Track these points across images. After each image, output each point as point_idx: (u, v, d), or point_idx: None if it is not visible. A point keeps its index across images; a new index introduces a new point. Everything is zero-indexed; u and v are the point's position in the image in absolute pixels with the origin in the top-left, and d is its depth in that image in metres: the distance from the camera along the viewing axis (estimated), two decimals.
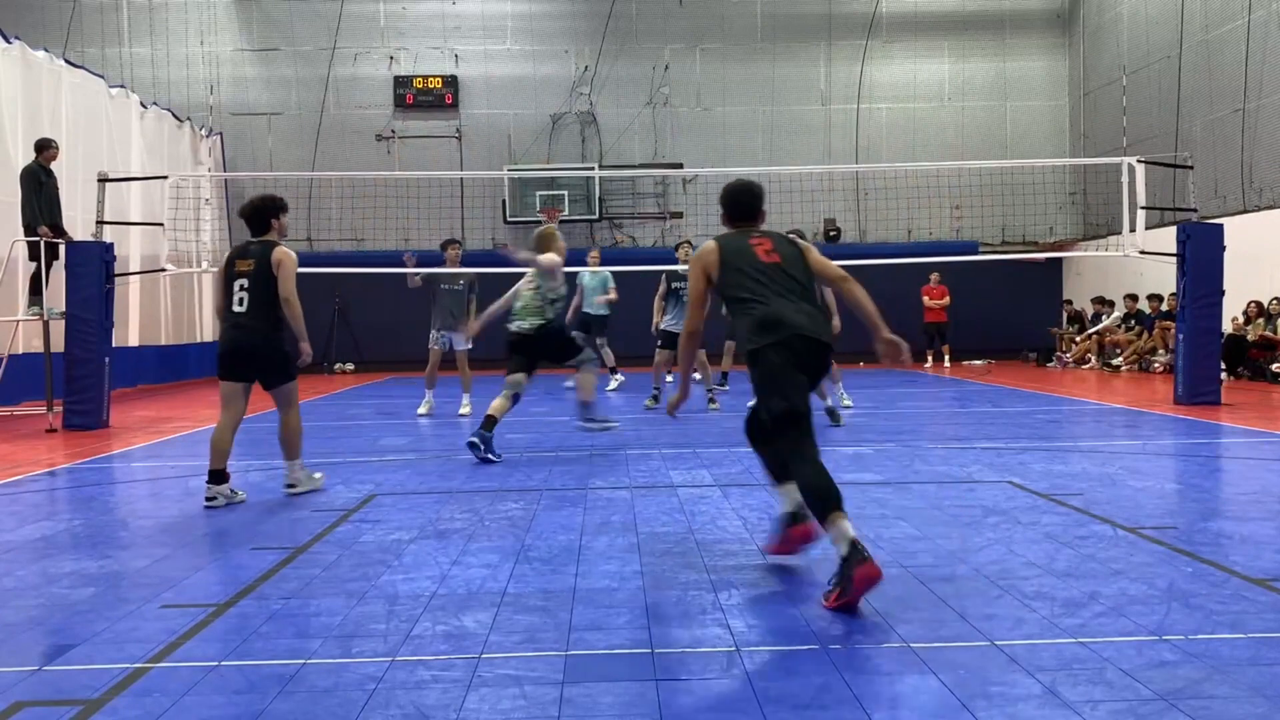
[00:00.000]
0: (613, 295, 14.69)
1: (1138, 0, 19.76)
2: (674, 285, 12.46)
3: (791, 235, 5.13)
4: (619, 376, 15.18)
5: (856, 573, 3.93)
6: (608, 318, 14.81)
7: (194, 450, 9.61)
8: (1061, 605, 3.99)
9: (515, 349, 8.41)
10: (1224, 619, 3.79)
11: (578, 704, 3.07)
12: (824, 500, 4.22)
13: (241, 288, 6.54)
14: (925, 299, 20.25)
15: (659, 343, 12.53)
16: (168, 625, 3.89)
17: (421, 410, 12.03)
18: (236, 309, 6.56)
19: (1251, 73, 16.32)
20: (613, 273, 14.87)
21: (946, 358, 20.32)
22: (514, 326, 8.44)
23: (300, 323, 6.56)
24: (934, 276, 20.21)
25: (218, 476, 6.41)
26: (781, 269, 4.53)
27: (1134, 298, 18.29)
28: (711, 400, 12.01)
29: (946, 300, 20.26)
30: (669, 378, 13.35)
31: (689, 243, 13.59)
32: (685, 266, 12.46)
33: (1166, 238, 13.36)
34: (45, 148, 12.01)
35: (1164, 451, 8.75)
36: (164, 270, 13.87)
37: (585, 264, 14.72)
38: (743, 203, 4.79)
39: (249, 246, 6.65)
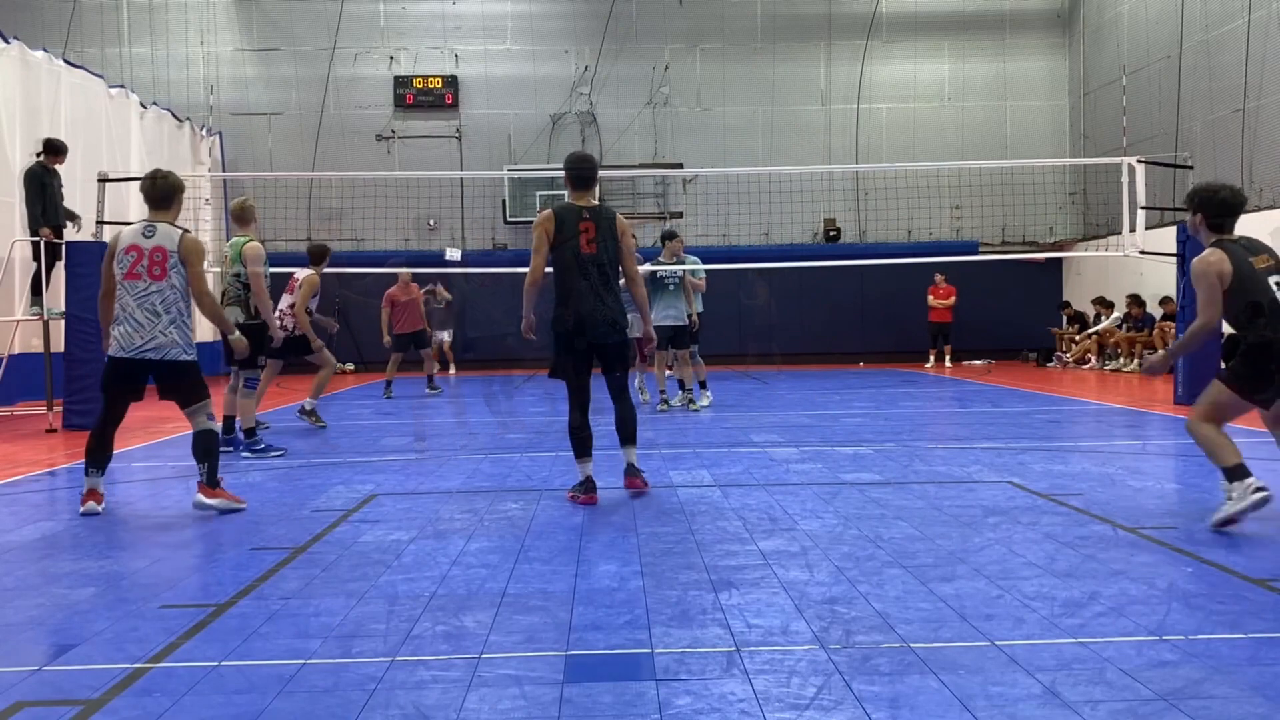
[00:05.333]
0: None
1: (1138, 0, 19.76)
2: (658, 274, 11.87)
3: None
4: None
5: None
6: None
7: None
8: (1061, 605, 3.99)
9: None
10: (1224, 619, 3.78)
11: (578, 704, 3.07)
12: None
13: None
14: (930, 299, 20.24)
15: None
16: (168, 625, 3.89)
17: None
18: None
19: (1251, 73, 16.32)
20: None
21: (948, 358, 20.33)
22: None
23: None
24: (940, 277, 20.22)
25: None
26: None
27: (1141, 302, 18.25)
28: (690, 401, 12.02)
29: (952, 300, 20.26)
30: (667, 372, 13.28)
31: (675, 235, 13.38)
32: (664, 261, 12.33)
33: (1166, 238, 13.37)
34: (56, 151, 11.99)
35: (1164, 451, 8.75)
36: None
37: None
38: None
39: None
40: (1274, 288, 5.37)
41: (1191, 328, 5.60)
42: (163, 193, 6.32)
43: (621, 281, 6.64)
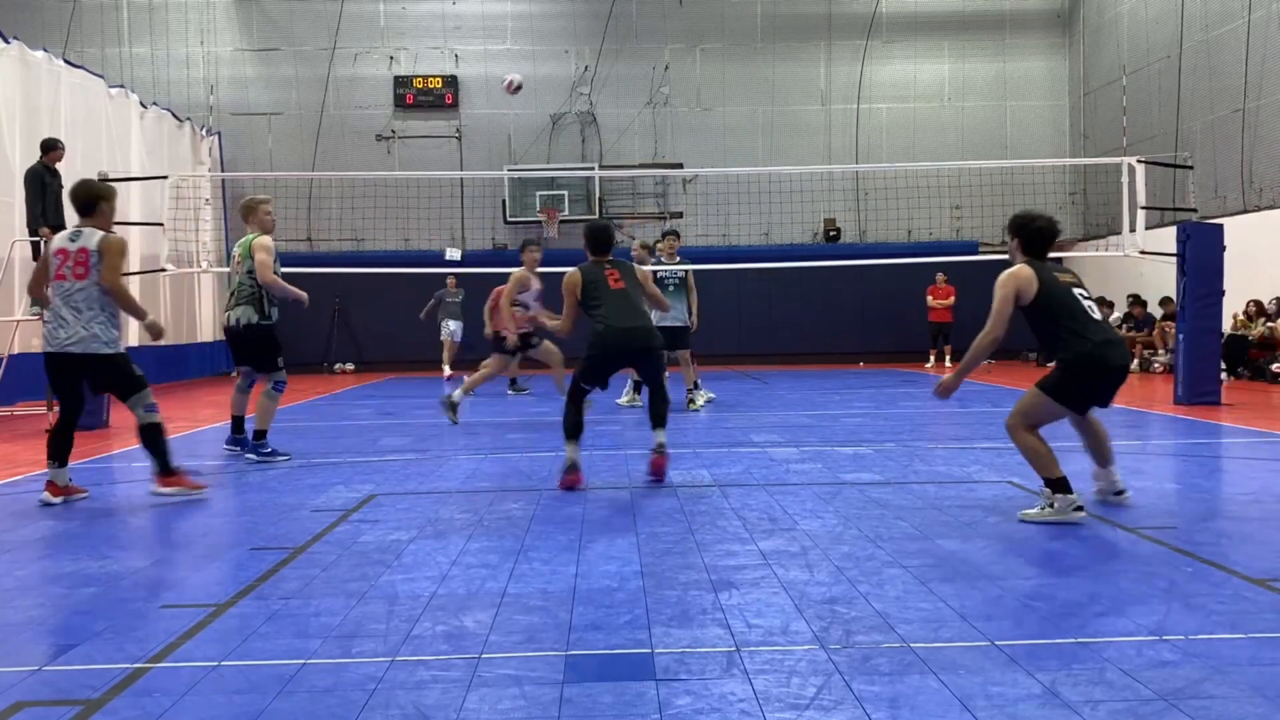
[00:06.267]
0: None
1: (1138, 0, 19.76)
2: (659, 275, 12.01)
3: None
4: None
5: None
6: None
7: (194, 450, 9.61)
8: (1061, 605, 3.99)
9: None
10: (1224, 619, 3.79)
11: (578, 704, 3.07)
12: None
13: None
14: (930, 299, 20.24)
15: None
16: (168, 625, 3.89)
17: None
18: None
19: (1251, 73, 16.33)
20: None
21: (948, 357, 20.32)
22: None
23: None
24: (940, 276, 20.21)
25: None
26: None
27: (1142, 302, 18.25)
28: (691, 401, 12.07)
29: (952, 300, 20.25)
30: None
31: (675, 233, 13.49)
32: (663, 264, 12.41)
33: (1166, 238, 13.37)
34: (51, 148, 12.00)
35: (1164, 451, 8.75)
36: (164, 270, 13.87)
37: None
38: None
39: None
40: (1080, 299, 5.62)
41: (978, 340, 5.78)
42: (84, 200, 6.58)
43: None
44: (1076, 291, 5.65)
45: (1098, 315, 5.64)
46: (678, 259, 12.61)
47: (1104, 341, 5.50)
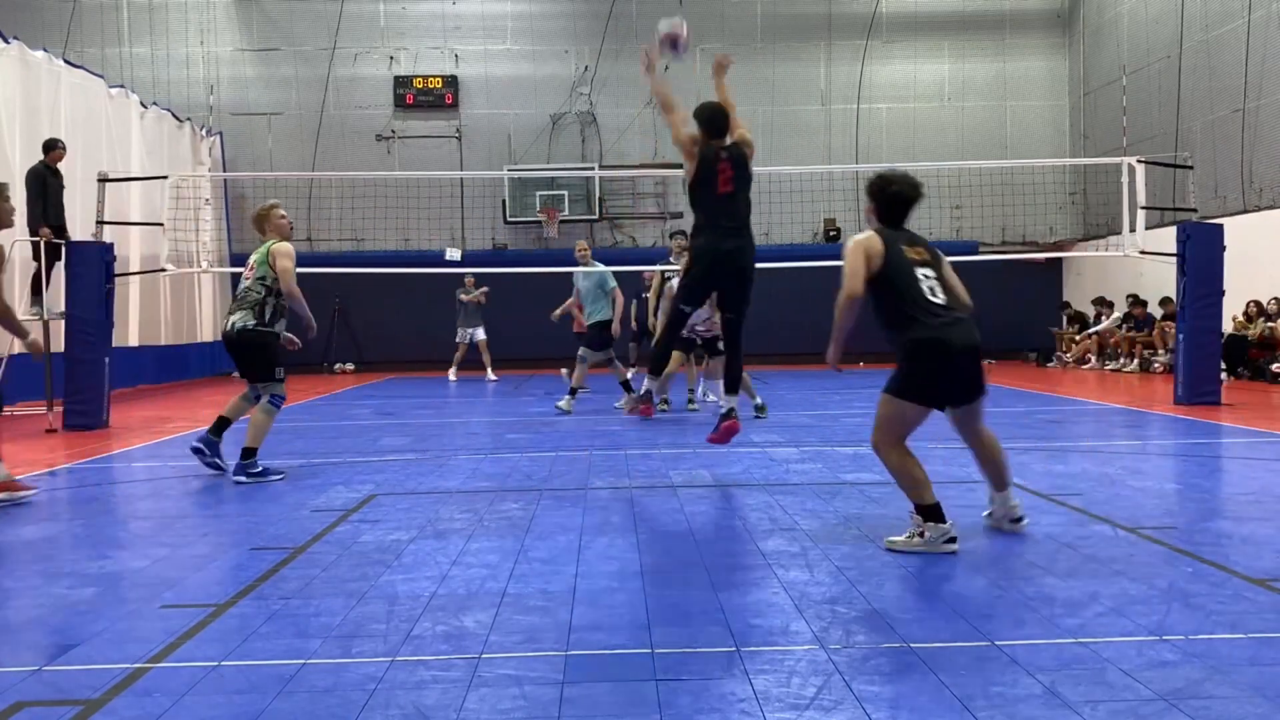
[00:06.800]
0: (617, 305, 12.71)
1: (1138, 0, 19.76)
2: (667, 276, 11.95)
3: None
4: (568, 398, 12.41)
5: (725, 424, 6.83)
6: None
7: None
8: (1061, 605, 3.99)
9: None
10: (1224, 619, 3.79)
11: (578, 704, 3.07)
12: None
13: None
14: None
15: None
16: (168, 625, 3.89)
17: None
18: None
19: (1251, 73, 16.32)
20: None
21: None
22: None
23: None
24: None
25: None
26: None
27: (1142, 302, 18.24)
28: (690, 402, 12.06)
29: None
30: (632, 374, 13.43)
31: (684, 233, 13.43)
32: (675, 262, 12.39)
33: (1166, 238, 13.36)
34: (52, 148, 11.99)
35: (1164, 451, 8.75)
36: (164, 270, 13.86)
37: (574, 260, 13.26)
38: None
39: None
40: (921, 279, 5.01)
41: (837, 301, 5.28)
42: None
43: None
44: (920, 271, 5.02)
45: (940, 298, 4.98)
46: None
47: (942, 324, 4.88)
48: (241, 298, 7.54)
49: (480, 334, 17.84)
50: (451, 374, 17.94)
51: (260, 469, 7.36)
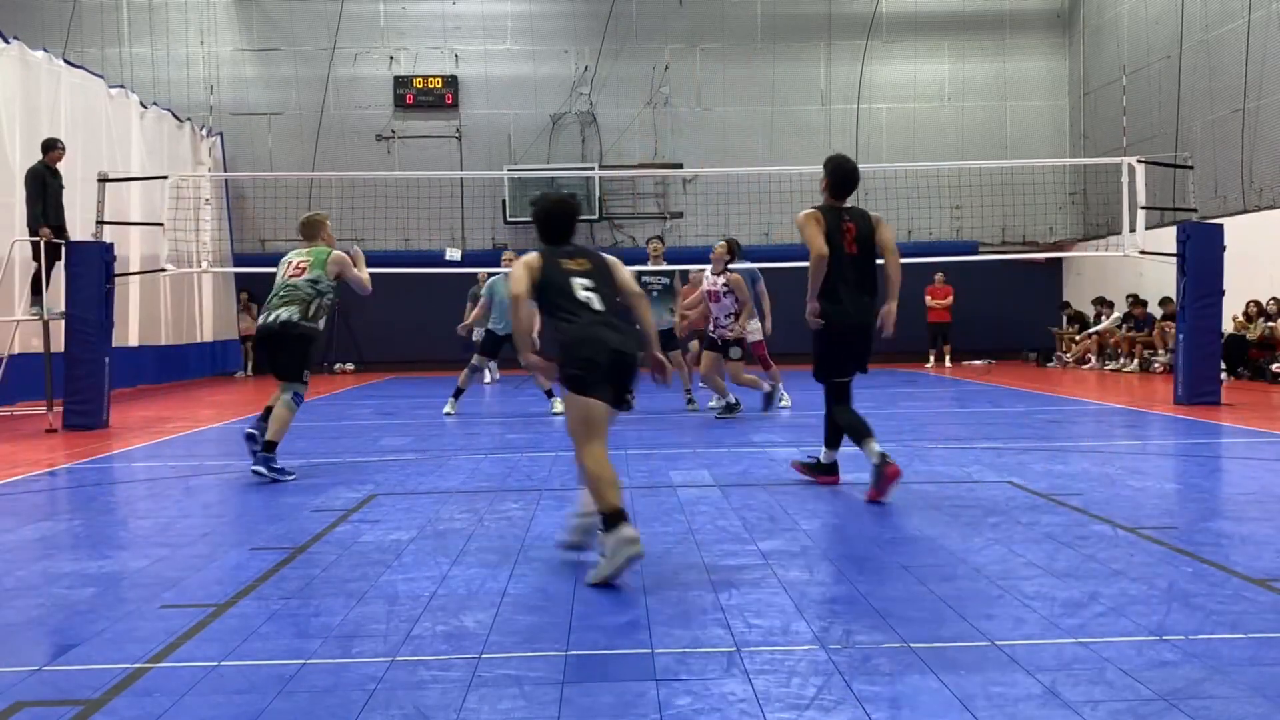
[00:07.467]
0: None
1: (1138, 0, 19.76)
2: (645, 280, 12.04)
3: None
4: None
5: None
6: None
7: (194, 450, 9.62)
8: (1061, 605, 3.99)
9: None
10: (1224, 619, 3.78)
11: (578, 704, 3.07)
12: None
13: None
14: (929, 299, 20.25)
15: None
16: (168, 625, 3.89)
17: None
18: None
19: (1251, 73, 16.32)
20: None
21: (947, 358, 20.33)
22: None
23: None
24: (938, 276, 20.23)
25: None
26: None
27: (1142, 302, 18.24)
28: (690, 402, 12.04)
29: (950, 300, 20.27)
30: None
31: (660, 238, 13.79)
32: (653, 265, 12.42)
33: (1166, 238, 13.36)
34: (51, 148, 11.99)
35: (1164, 451, 8.75)
36: (164, 270, 13.87)
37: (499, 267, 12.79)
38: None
39: None
40: (576, 287, 4.80)
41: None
42: None
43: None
44: (576, 281, 4.80)
45: (596, 305, 4.79)
46: (664, 264, 12.57)
47: (589, 322, 4.73)
48: (288, 295, 7.52)
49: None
50: (487, 376, 17.14)
51: (279, 466, 7.40)
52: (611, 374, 4.69)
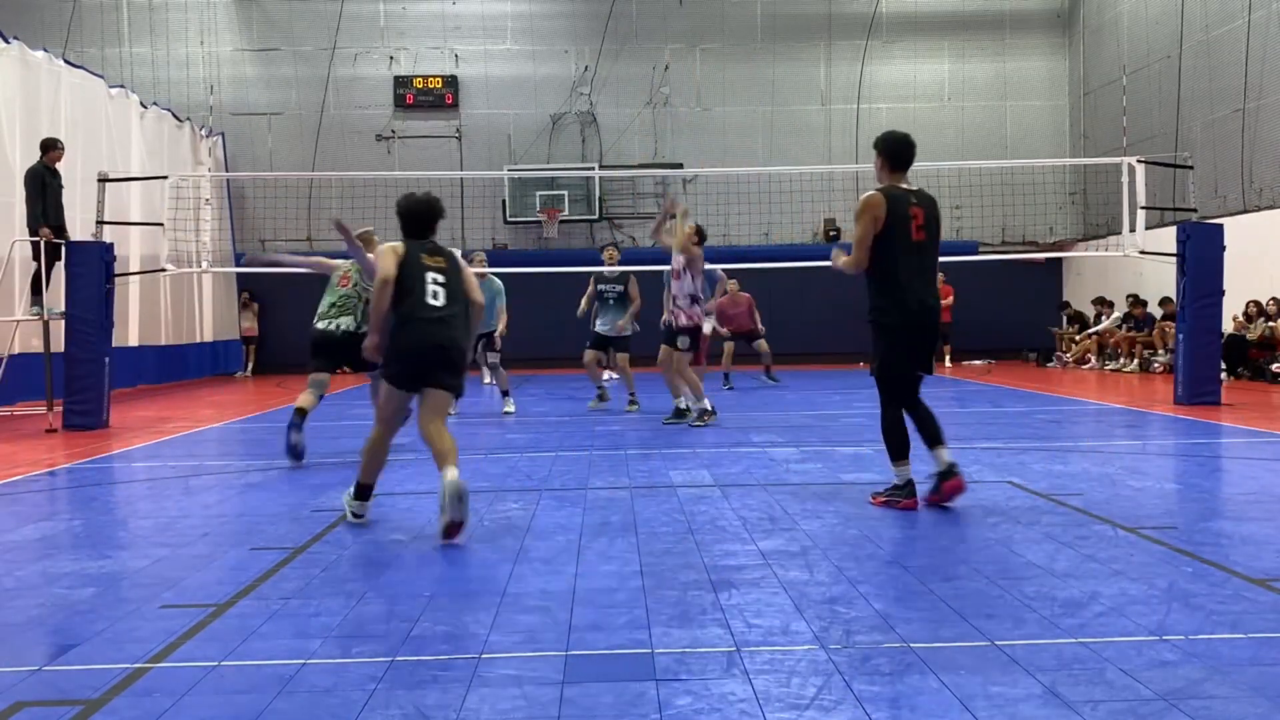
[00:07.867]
0: (501, 324, 12.13)
1: (1138, 0, 19.76)
2: (600, 288, 12.41)
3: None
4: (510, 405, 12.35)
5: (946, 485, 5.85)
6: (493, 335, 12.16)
7: (194, 450, 9.62)
8: (1061, 605, 3.99)
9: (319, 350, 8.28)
10: (1224, 619, 3.79)
11: (578, 704, 3.07)
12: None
13: None
14: None
15: (588, 343, 12.42)
16: (168, 625, 3.89)
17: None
18: None
19: (1251, 73, 16.32)
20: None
21: (947, 358, 20.33)
22: (322, 326, 8.28)
23: None
24: (938, 276, 20.21)
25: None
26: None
27: (1142, 302, 18.24)
28: (632, 403, 12.06)
29: (950, 300, 20.27)
30: (607, 376, 13.69)
31: (615, 245, 14.56)
32: (611, 269, 12.49)
33: (1166, 238, 13.36)
34: (50, 148, 11.99)
35: (1164, 451, 8.75)
36: (164, 270, 13.87)
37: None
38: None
39: None
40: (430, 282, 5.58)
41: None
42: None
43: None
44: (430, 275, 5.55)
45: (439, 300, 5.51)
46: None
47: (422, 319, 5.46)
48: (342, 304, 8.33)
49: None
50: (486, 376, 16.52)
51: (299, 437, 7.96)
52: (434, 365, 5.43)
